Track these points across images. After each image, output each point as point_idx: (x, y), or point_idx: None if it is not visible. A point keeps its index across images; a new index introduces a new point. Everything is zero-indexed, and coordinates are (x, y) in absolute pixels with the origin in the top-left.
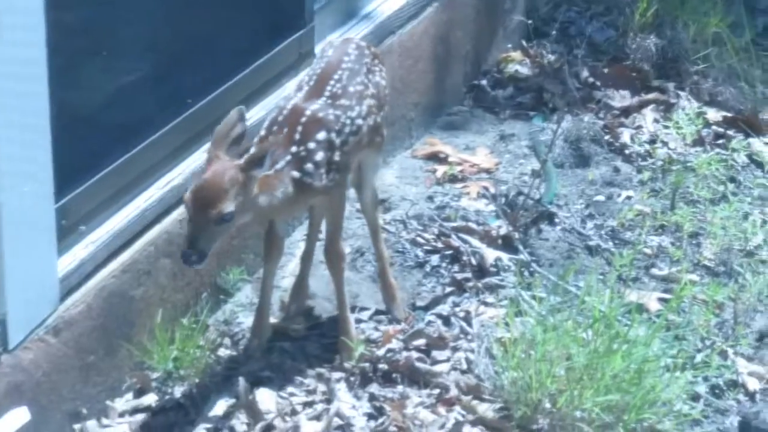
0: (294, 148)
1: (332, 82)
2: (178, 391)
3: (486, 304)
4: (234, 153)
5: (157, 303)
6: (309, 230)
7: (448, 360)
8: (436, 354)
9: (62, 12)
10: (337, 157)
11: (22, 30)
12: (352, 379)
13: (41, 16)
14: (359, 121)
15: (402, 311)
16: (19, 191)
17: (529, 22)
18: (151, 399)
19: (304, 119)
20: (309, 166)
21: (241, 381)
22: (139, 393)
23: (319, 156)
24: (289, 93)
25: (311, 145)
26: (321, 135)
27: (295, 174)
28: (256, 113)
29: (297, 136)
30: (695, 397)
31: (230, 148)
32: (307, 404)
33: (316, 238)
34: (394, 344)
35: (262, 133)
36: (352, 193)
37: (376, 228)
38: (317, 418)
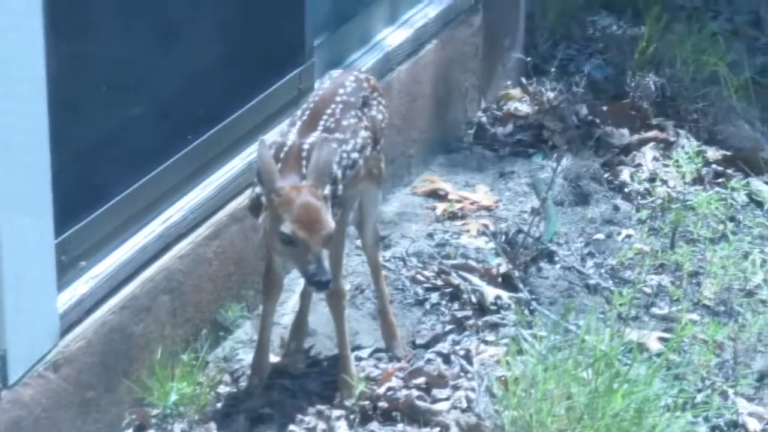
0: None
1: (325, 116)
2: (177, 428)
3: (486, 342)
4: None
5: (156, 339)
6: None
7: (448, 398)
8: (436, 392)
9: (62, 47)
10: (339, 191)
11: (21, 65)
12: (352, 417)
13: (41, 50)
14: (354, 155)
15: (402, 349)
16: (19, 226)
17: (528, 59)
18: None
19: (304, 154)
20: None
21: (241, 418)
22: (139, 430)
23: (326, 190)
24: (282, 128)
25: None
26: None
27: None
28: (256, 149)
29: (304, 171)
30: None
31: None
32: None
33: None
34: (394, 382)
35: None
36: (351, 230)
37: (376, 266)
38: None
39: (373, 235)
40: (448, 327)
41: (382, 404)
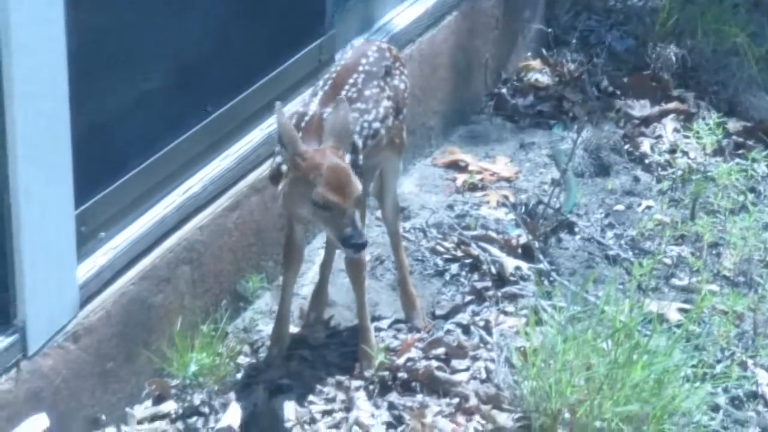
0: None
1: (347, 86)
2: (197, 399)
3: (506, 313)
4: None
5: (176, 310)
6: (328, 238)
7: (467, 369)
8: (456, 363)
9: (82, 18)
10: (360, 161)
11: (42, 37)
12: (371, 387)
13: (61, 22)
14: (376, 125)
15: (421, 320)
16: (39, 198)
17: (549, 30)
18: (170, 406)
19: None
20: None
21: (261, 389)
22: (159, 400)
23: (347, 159)
24: (304, 98)
25: None
26: None
27: None
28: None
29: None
30: (715, 408)
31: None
32: (327, 413)
33: (336, 246)
34: (414, 353)
35: None
36: (371, 201)
37: (396, 237)
38: (336, 426)
39: (393, 206)
40: (468, 298)
41: (402, 375)
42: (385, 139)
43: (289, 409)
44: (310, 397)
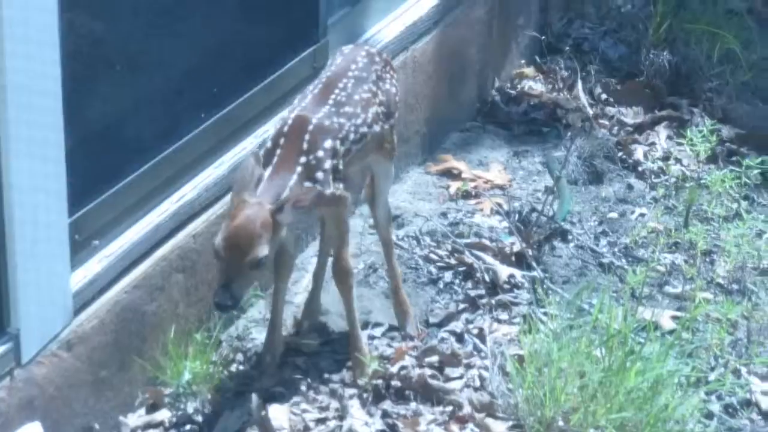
0: (303, 158)
1: (337, 90)
2: (190, 407)
3: (499, 321)
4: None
5: (170, 318)
6: (320, 246)
7: (461, 377)
8: (449, 371)
9: (76, 26)
10: (341, 165)
11: (35, 43)
12: (365, 395)
13: (55, 29)
14: (364, 129)
15: (415, 328)
16: (33, 206)
17: (542, 38)
18: (163, 415)
19: (310, 127)
20: (320, 174)
21: (254, 397)
22: (152, 408)
23: (327, 164)
24: (293, 103)
25: (320, 153)
26: (327, 143)
27: (308, 184)
28: (270, 128)
29: (305, 146)
30: (709, 416)
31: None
32: (320, 421)
33: (328, 254)
34: (407, 361)
35: (269, 144)
36: (365, 209)
37: (388, 244)
38: None
39: (385, 213)
40: (462, 306)
41: (395, 383)
42: (374, 144)
43: (283, 417)
44: (304, 405)
